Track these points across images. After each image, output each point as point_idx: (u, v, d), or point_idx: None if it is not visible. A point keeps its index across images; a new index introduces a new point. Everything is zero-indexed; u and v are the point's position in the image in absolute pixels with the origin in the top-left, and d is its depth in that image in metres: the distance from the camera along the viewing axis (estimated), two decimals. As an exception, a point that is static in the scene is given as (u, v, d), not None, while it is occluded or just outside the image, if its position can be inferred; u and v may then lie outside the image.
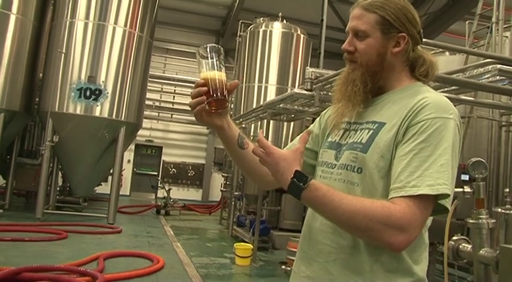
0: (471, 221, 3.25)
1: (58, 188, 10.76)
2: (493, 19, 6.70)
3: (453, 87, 5.19)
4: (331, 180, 1.41)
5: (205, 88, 1.44)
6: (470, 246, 3.36)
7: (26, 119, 10.18)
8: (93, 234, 7.86)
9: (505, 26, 6.74)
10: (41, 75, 10.09)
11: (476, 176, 3.37)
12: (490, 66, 4.78)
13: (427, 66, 1.47)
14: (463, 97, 5.52)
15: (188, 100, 1.49)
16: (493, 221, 3.26)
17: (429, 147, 1.24)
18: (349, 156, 1.38)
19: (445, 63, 7.74)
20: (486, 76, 4.84)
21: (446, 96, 1.47)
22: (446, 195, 1.21)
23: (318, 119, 1.70)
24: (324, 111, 1.70)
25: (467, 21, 8.07)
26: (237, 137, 1.46)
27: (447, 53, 8.00)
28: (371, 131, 1.37)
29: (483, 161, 3.46)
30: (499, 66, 4.69)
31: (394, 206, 1.18)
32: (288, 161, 1.24)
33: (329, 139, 1.54)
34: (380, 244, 1.23)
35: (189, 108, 1.48)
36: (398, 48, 1.41)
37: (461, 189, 3.28)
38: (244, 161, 1.57)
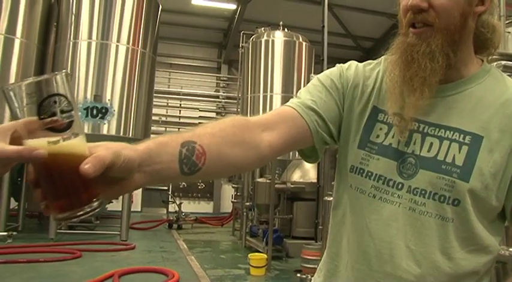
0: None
1: (70, 208, 10.77)
2: (496, 15, 6.70)
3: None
4: (401, 208, 0.99)
5: (38, 190, 0.75)
6: (486, 245, 3.31)
7: (35, 140, 10.23)
8: (106, 251, 7.87)
9: (507, 21, 6.72)
10: (47, 96, 10.16)
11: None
12: (495, 63, 4.75)
13: (496, 39, 1.07)
14: (469, 95, 5.50)
15: (194, 113, 1.24)
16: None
17: None
18: (436, 181, 0.96)
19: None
20: (492, 73, 4.82)
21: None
22: None
23: (336, 76, 1.11)
24: (346, 67, 1.13)
25: (468, 19, 8.06)
26: (178, 164, 0.86)
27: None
28: (465, 148, 0.96)
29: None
30: (503, 62, 4.66)
31: None
32: None
33: (375, 139, 1.04)
34: None
35: (196, 122, 1.13)
36: (482, 7, 1.01)
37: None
38: (208, 177, 0.99)
